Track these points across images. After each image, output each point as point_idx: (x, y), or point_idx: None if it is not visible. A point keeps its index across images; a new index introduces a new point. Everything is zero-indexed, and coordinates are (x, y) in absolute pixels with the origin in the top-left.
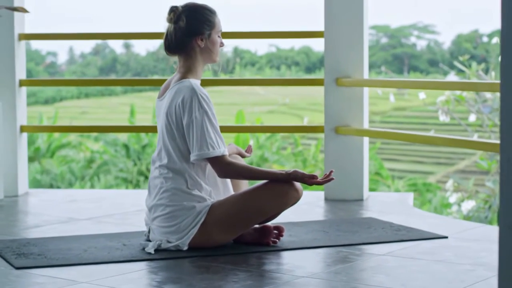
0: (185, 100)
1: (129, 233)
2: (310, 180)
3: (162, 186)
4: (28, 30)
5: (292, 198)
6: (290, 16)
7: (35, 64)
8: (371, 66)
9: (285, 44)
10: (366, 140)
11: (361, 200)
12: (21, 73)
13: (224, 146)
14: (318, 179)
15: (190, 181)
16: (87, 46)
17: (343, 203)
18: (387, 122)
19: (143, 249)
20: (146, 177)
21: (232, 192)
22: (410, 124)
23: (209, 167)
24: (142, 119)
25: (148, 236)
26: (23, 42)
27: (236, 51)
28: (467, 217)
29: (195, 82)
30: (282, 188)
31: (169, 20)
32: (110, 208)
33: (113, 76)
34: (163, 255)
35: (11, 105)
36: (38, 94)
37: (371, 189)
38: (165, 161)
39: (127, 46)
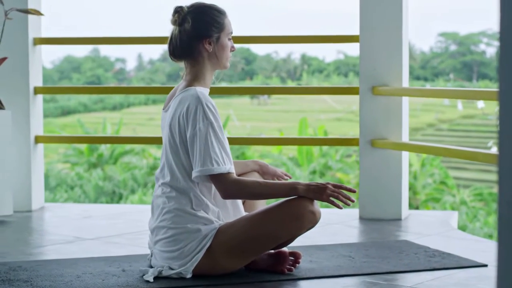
0: (189, 110)
1: (133, 256)
2: (328, 198)
3: (165, 206)
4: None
5: (308, 222)
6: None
7: (104, 70)
8: (439, 74)
9: (353, 51)
10: (405, 154)
11: (399, 219)
12: (36, 80)
13: (231, 163)
14: (340, 197)
15: (195, 201)
16: (155, 52)
17: (378, 223)
18: (454, 130)
19: (143, 275)
20: None
21: (243, 213)
22: (477, 132)
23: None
24: None
25: (151, 261)
26: (39, 47)
27: (303, 58)
28: None
29: (201, 90)
30: (297, 210)
31: (174, 22)
32: (124, 226)
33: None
34: (163, 284)
35: (24, 114)
36: (106, 100)
37: (435, 199)
38: (167, 178)
39: None
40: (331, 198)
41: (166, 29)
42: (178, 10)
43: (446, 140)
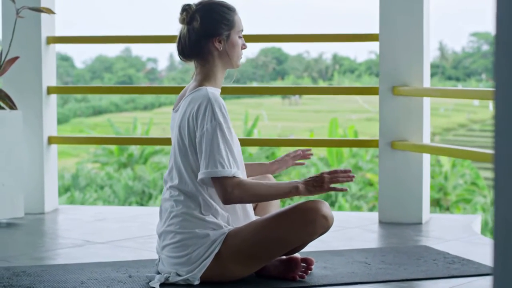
0: (199, 110)
1: (142, 261)
2: (329, 186)
3: (172, 210)
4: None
5: (320, 227)
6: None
7: (135, 70)
8: (471, 74)
9: None
10: (426, 156)
11: (420, 223)
12: (49, 80)
13: (237, 167)
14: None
15: (204, 205)
16: None
17: (398, 227)
18: (486, 131)
19: (149, 282)
20: None
21: (253, 218)
22: None
23: None
24: (234, 126)
25: (158, 267)
26: (53, 46)
27: (335, 58)
28: None
29: (212, 90)
30: (308, 215)
31: (182, 20)
32: (137, 230)
33: None
34: None
35: (37, 114)
36: (137, 100)
37: (466, 200)
38: (176, 181)
39: None
40: (332, 185)
41: (177, 28)
42: (186, 8)
43: (478, 141)
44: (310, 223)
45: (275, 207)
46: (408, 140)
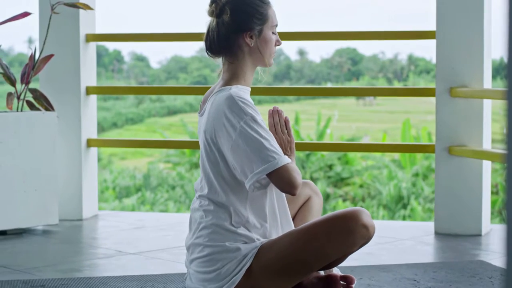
0: (224, 115)
1: (172, 275)
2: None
3: (202, 221)
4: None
5: (360, 237)
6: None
7: (210, 70)
8: None
9: None
10: (486, 163)
11: (479, 235)
12: (89, 79)
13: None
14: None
15: (235, 216)
16: None
17: (455, 239)
18: None
19: None
20: None
21: (293, 226)
22: None
23: (264, 197)
24: (307, 127)
25: (185, 283)
26: (92, 44)
27: (410, 58)
28: None
29: (236, 90)
30: (347, 224)
31: (211, 13)
32: (174, 239)
33: (286, 84)
34: None
35: (75, 115)
36: None
37: None
38: (205, 190)
39: (301, 53)
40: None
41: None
42: (215, 0)
43: None
44: (349, 233)
45: (314, 215)
46: (467, 146)
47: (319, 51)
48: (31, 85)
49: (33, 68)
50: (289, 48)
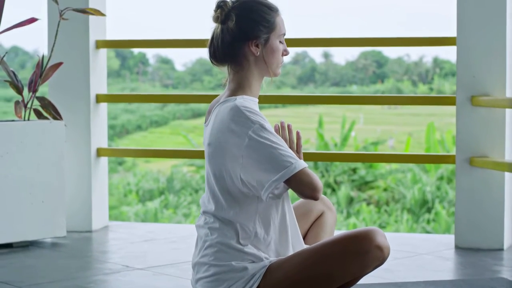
0: (229, 128)
1: None
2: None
3: (207, 239)
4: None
5: (374, 259)
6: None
7: None
8: None
9: None
10: (509, 175)
11: (501, 250)
12: (99, 87)
13: None
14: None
15: (242, 233)
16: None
17: (476, 253)
18: None
19: None
20: (334, 190)
21: (304, 245)
22: None
23: (275, 211)
24: (331, 129)
25: None
26: (103, 50)
27: (435, 61)
28: None
29: (242, 100)
30: (360, 245)
31: (216, 19)
32: (184, 253)
33: (311, 86)
34: None
35: (85, 124)
36: None
37: None
38: (211, 207)
39: (326, 56)
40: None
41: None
42: (221, 5)
43: None
44: (362, 254)
45: (329, 232)
46: (489, 157)
47: (344, 54)
48: (39, 92)
49: (41, 76)
50: (314, 51)
